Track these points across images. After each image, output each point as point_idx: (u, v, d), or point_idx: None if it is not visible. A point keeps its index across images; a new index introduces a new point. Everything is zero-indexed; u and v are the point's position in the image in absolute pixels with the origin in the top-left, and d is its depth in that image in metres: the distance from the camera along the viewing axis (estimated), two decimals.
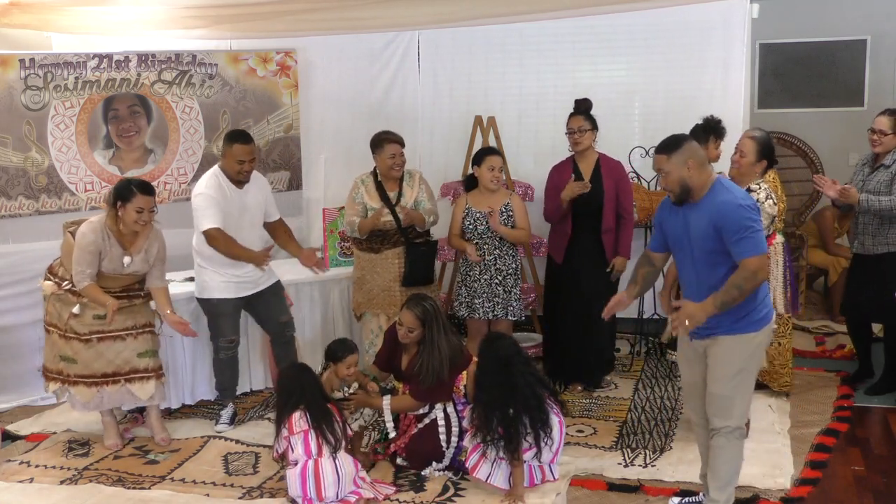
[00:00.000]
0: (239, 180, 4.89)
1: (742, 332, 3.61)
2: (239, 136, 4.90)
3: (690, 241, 3.62)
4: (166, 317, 4.70)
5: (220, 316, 5.00)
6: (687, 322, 3.54)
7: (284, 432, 4.03)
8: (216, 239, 4.80)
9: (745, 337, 3.62)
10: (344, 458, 4.04)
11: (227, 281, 4.93)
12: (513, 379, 4.07)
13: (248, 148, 4.85)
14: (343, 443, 4.07)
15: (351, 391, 4.57)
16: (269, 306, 5.12)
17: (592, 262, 5.27)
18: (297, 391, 4.08)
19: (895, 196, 5.00)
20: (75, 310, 4.61)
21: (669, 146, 3.63)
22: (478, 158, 5.31)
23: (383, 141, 5.27)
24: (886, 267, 5.15)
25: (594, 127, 5.27)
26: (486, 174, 5.24)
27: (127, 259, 4.59)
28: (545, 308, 5.65)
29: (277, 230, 5.19)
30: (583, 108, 5.27)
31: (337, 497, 3.99)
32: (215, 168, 4.95)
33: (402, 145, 5.30)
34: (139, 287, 4.77)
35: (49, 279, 4.74)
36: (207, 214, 4.80)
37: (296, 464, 4.03)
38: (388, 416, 4.48)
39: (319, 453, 3.98)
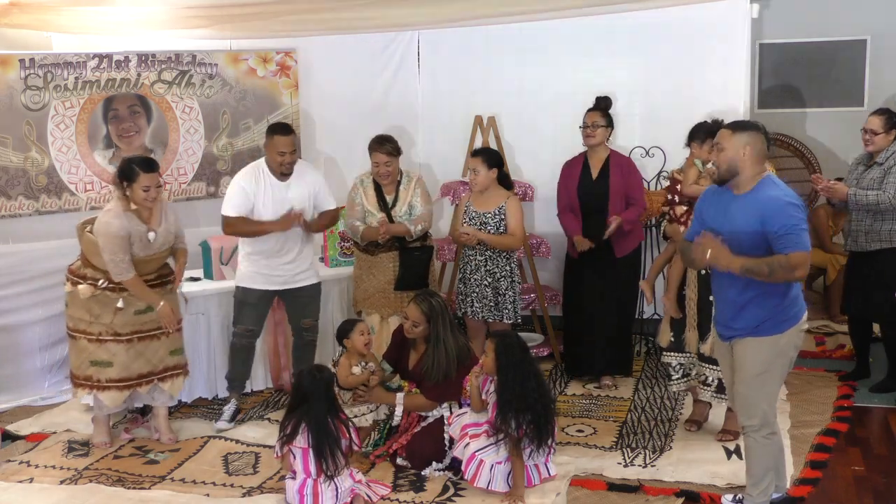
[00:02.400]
0: (282, 172, 4.94)
1: (764, 335, 3.63)
2: (280, 128, 5.00)
3: (728, 232, 3.60)
4: (177, 277, 4.79)
5: (242, 304, 5.10)
6: (708, 256, 3.54)
7: (286, 438, 4.01)
8: (232, 225, 4.95)
9: (767, 339, 3.64)
10: (342, 476, 3.99)
11: (256, 272, 5.03)
12: (534, 365, 4.18)
13: (288, 139, 4.93)
14: (342, 468, 3.98)
15: (371, 368, 4.56)
16: (296, 306, 5.17)
17: (601, 258, 5.36)
18: (307, 400, 3.99)
19: (882, 191, 5.06)
20: (120, 304, 4.59)
21: (738, 125, 3.67)
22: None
23: (371, 149, 5.29)
24: (882, 264, 5.19)
25: (609, 125, 5.37)
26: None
27: (152, 234, 4.60)
28: (564, 301, 5.76)
29: (324, 215, 5.19)
30: (601, 105, 5.38)
31: None
32: (260, 161, 5.06)
33: (393, 154, 5.24)
34: (169, 271, 4.80)
35: (78, 283, 4.66)
36: (227, 202, 4.97)
37: (294, 476, 4.01)
38: (398, 412, 4.50)
39: (319, 473, 3.93)
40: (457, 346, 4.44)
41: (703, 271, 4.33)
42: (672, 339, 4.71)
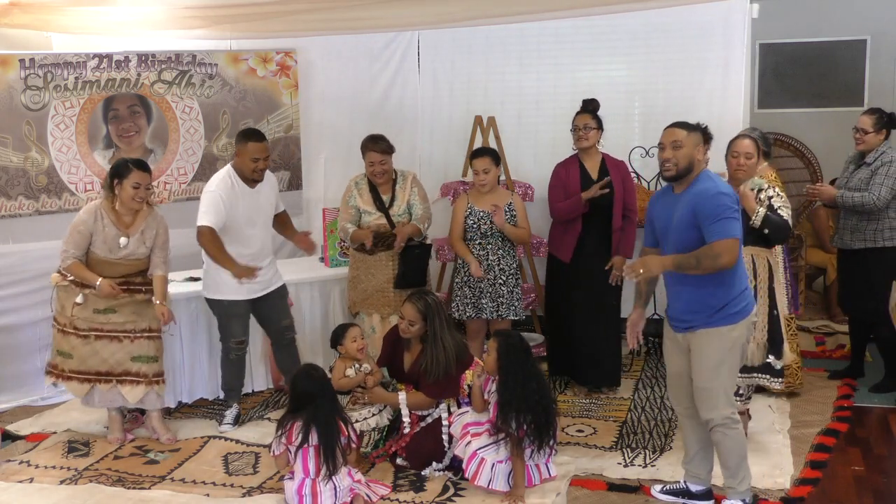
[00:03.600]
0: (253, 179, 4.89)
1: (718, 326, 3.71)
2: (253, 134, 4.92)
3: (672, 231, 3.73)
4: (156, 306, 4.68)
5: (231, 317, 4.98)
6: (641, 270, 3.66)
7: (284, 439, 3.99)
8: (205, 237, 4.74)
9: (721, 330, 3.71)
10: (341, 475, 3.99)
11: (239, 283, 4.84)
12: (536, 367, 4.16)
13: (263, 146, 4.87)
14: (340, 466, 3.97)
15: (364, 370, 4.59)
16: (273, 309, 5.12)
17: (602, 261, 5.31)
18: (308, 402, 3.99)
19: (867, 193, 5.12)
20: (78, 299, 4.64)
21: (689, 126, 3.79)
22: (471, 160, 5.34)
23: (364, 148, 5.28)
24: (868, 264, 5.25)
25: (599, 127, 5.31)
26: (474, 177, 5.29)
27: (123, 240, 4.62)
28: (547, 307, 5.65)
29: (279, 218, 5.18)
30: (590, 107, 5.33)
31: None
32: (228, 167, 4.93)
33: (387, 152, 5.22)
34: (141, 281, 4.75)
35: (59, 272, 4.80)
36: (207, 212, 4.77)
37: (292, 476, 4.00)
38: (405, 412, 4.49)
39: (317, 473, 3.93)
40: (454, 343, 4.45)
41: None
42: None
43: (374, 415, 4.59)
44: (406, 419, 4.49)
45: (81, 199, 5.66)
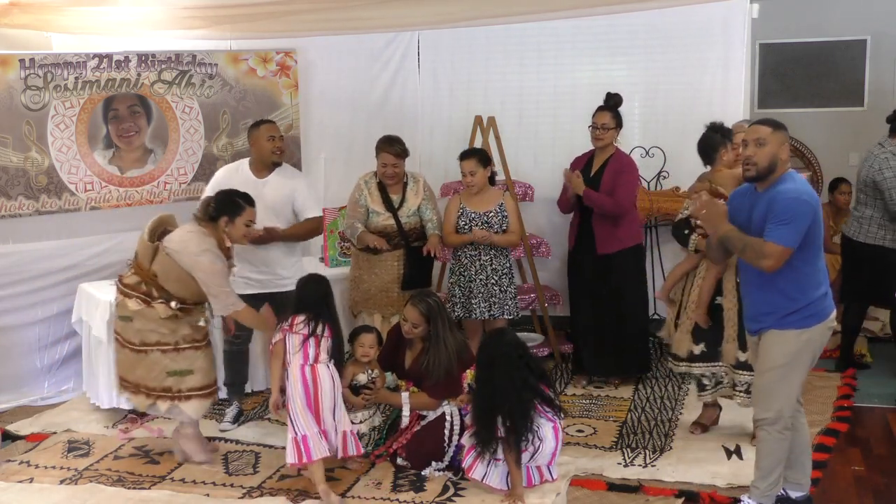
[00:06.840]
0: (273, 162, 5.01)
1: (787, 329, 3.65)
2: (261, 121, 5.15)
3: (750, 231, 3.64)
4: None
5: None
6: (704, 211, 3.71)
7: (285, 325, 4.16)
8: None
9: (789, 333, 3.65)
10: (335, 372, 4.17)
11: (237, 276, 4.86)
12: (513, 372, 4.05)
13: (274, 125, 5.13)
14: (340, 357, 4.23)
15: (373, 376, 4.60)
16: (283, 310, 5.10)
17: (590, 252, 5.35)
18: (314, 303, 4.22)
19: None
20: (202, 322, 4.44)
21: (776, 124, 3.71)
22: (459, 162, 5.33)
23: (379, 149, 5.26)
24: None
25: (618, 125, 5.29)
26: (462, 179, 5.30)
27: (235, 269, 4.56)
28: (570, 297, 5.74)
29: (298, 224, 5.10)
30: (611, 102, 5.29)
31: (332, 409, 4.12)
32: (242, 160, 5.16)
33: (400, 155, 5.21)
34: None
35: (146, 301, 4.33)
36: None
37: (286, 366, 4.14)
38: (406, 412, 4.50)
39: (317, 359, 4.10)
40: (456, 343, 4.47)
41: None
42: (704, 349, 4.58)
43: (369, 417, 4.60)
44: (406, 418, 4.50)
45: (81, 199, 5.66)
